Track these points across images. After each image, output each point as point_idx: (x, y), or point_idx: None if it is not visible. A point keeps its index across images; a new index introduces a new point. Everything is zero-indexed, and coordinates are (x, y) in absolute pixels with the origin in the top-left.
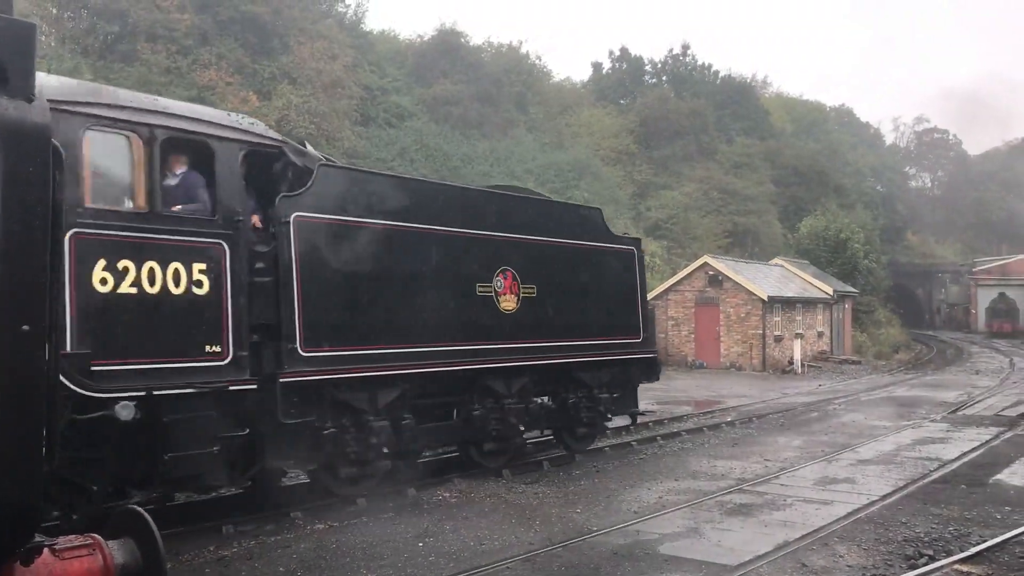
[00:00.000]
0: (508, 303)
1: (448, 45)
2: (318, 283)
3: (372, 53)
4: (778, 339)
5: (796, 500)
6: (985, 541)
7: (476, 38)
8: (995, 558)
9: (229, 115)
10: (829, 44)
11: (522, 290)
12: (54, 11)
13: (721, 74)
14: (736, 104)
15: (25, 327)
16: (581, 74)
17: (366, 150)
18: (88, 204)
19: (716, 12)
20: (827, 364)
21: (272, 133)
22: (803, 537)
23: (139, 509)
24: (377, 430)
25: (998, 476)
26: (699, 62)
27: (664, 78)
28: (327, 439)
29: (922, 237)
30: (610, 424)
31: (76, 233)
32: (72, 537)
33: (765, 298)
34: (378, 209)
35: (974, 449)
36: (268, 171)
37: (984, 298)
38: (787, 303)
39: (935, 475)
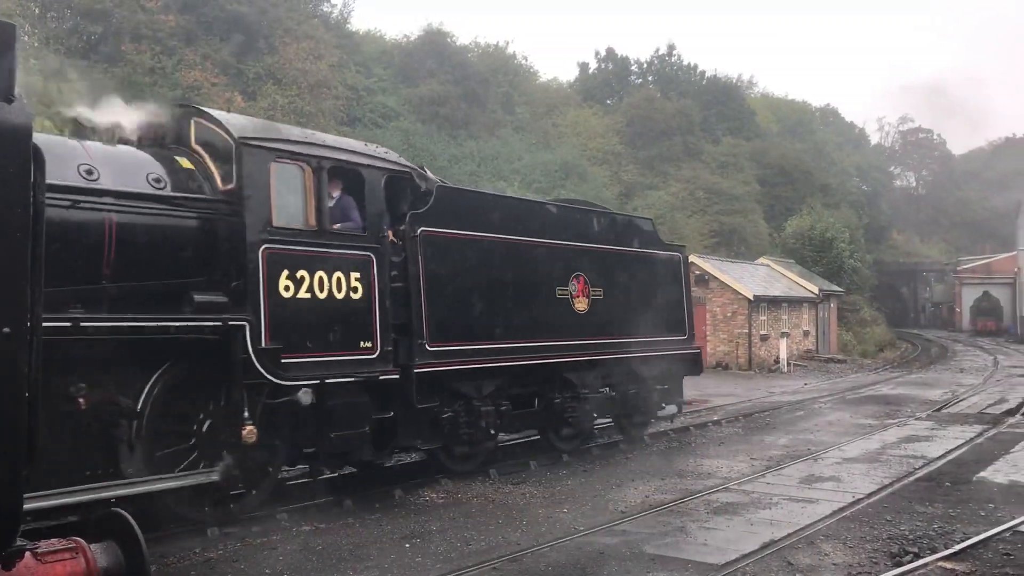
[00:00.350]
0: (581, 304)
1: (434, 45)
2: (438, 287)
3: (358, 53)
4: (764, 338)
5: (782, 499)
6: (969, 538)
7: (463, 38)
8: (979, 555)
9: (368, 145)
10: (814, 43)
11: (592, 293)
12: (37, 11)
13: (707, 74)
14: (722, 104)
15: (6, 329)
16: (567, 74)
17: None
18: (275, 224)
19: (702, 12)
20: (813, 363)
21: (403, 160)
22: (789, 536)
23: (122, 512)
24: (484, 414)
25: (982, 474)
26: (685, 62)
27: (650, 78)
28: (446, 421)
29: (907, 236)
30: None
31: (266, 248)
32: (54, 541)
33: (751, 297)
34: (482, 224)
35: (959, 447)
36: (399, 192)
37: (968, 296)
38: (773, 302)
39: (920, 473)
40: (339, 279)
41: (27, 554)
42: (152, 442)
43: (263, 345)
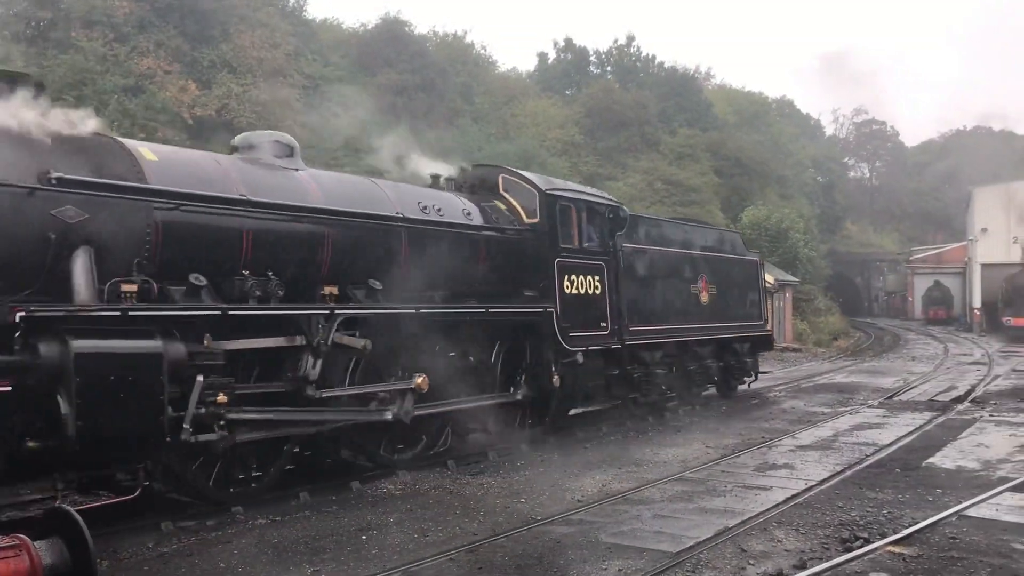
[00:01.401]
0: (704, 298)
1: (392, 34)
2: (632, 285)
3: (315, 42)
4: None
5: (736, 486)
6: (917, 523)
7: (421, 27)
8: (926, 539)
9: (594, 188)
10: (771, 35)
11: (710, 289)
12: None
13: (665, 65)
14: (680, 95)
15: None
16: (526, 64)
17: (309, 140)
18: (560, 245)
19: (661, 3)
20: (768, 352)
21: (613, 197)
22: (743, 523)
23: (68, 508)
24: (658, 376)
25: (931, 460)
26: (643, 53)
27: (609, 69)
28: (637, 380)
29: (861, 226)
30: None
31: (558, 260)
32: None
33: None
34: (652, 239)
35: (909, 434)
36: (611, 219)
37: (920, 286)
38: None
39: (871, 460)
40: (589, 280)
41: None
42: (502, 385)
43: (560, 324)
